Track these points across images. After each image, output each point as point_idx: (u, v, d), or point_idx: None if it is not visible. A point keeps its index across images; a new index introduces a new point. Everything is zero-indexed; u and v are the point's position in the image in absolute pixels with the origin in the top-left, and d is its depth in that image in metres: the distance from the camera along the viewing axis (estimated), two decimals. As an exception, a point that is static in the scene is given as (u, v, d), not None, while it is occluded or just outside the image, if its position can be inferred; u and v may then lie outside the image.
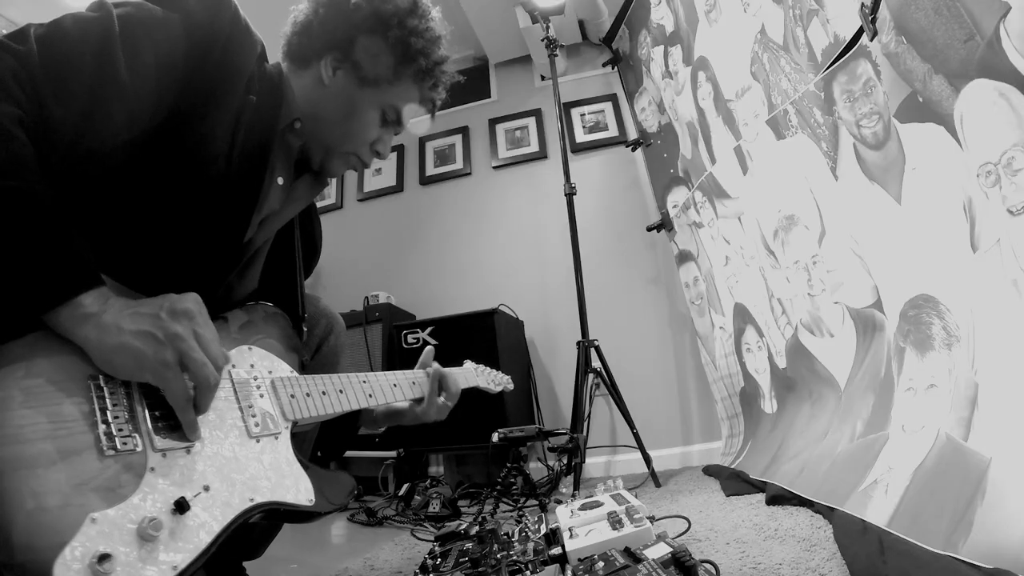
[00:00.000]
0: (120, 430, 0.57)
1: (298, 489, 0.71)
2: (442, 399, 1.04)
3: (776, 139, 1.53)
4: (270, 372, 0.78)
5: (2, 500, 0.48)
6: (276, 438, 0.73)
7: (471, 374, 1.20)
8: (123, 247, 0.67)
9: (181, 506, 0.57)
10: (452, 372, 1.08)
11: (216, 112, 0.72)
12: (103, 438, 0.55)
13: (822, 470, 1.24)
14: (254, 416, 0.72)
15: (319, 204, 3.15)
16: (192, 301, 0.63)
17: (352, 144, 0.88)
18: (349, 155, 0.89)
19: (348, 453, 2.40)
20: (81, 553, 0.49)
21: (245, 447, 0.69)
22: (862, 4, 1.09)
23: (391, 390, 0.94)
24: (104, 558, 0.49)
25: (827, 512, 1.09)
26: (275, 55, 0.88)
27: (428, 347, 1.09)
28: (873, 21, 1.07)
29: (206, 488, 0.61)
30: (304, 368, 0.97)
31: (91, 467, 0.53)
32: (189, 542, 0.57)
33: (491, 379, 1.27)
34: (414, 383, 1.01)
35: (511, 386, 1.34)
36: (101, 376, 0.58)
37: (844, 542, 0.90)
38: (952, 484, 0.85)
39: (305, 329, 0.92)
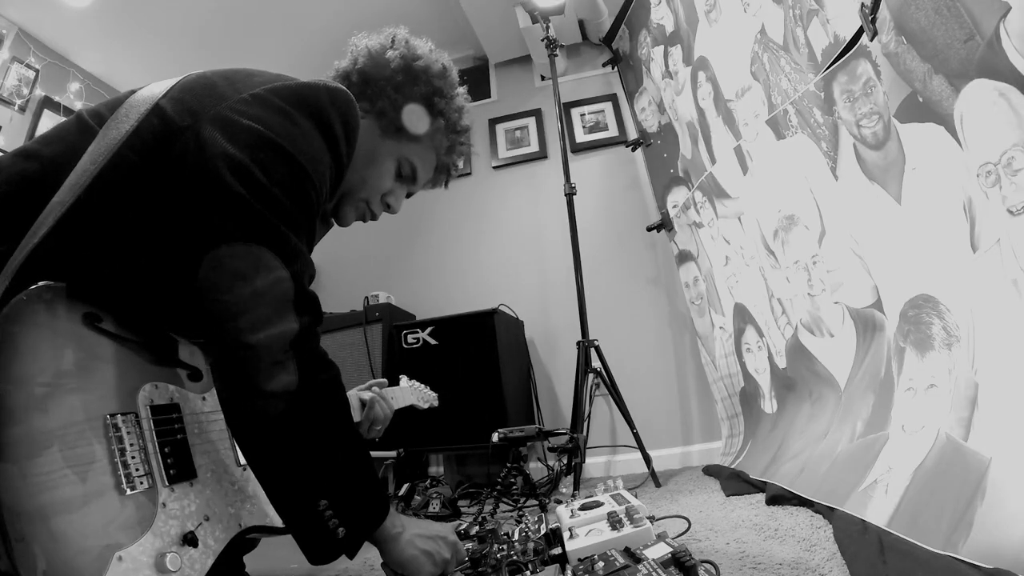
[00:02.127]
0: (137, 470, 0.61)
1: (273, 513, 0.79)
2: (379, 427, 1.13)
3: (776, 139, 1.53)
4: None
5: (47, 546, 0.51)
6: None
7: (407, 393, 1.25)
8: (168, 291, 0.72)
9: (191, 541, 0.63)
10: (386, 396, 1.13)
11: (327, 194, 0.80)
12: (123, 479, 0.59)
13: (822, 470, 1.24)
14: None
15: (319, 204, 3.15)
16: (454, 534, 0.87)
17: (366, 191, 0.93)
18: (360, 202, 0.94)
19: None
20: None
21: (234, 476, 0.76)
22: (862, 4, 1.09)
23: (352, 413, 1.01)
24: None
25: (827, 512, 1.09)
26: None
27: (383, 380, 1.20)
28: (873, 21, 1.07)
29: (207, 518, 0.67)
30: None
31: (114, 507, 0.57)
32: (194, 570, 0.62)
33: (420, 396, 1.32)
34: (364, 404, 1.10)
35: (436, 403, 1.40)
36: (119, 415, 0.61)
37: (844, 542, 0.90)
38: (952, 484, 0.85)
39: None
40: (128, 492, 0.59)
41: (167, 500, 0.63)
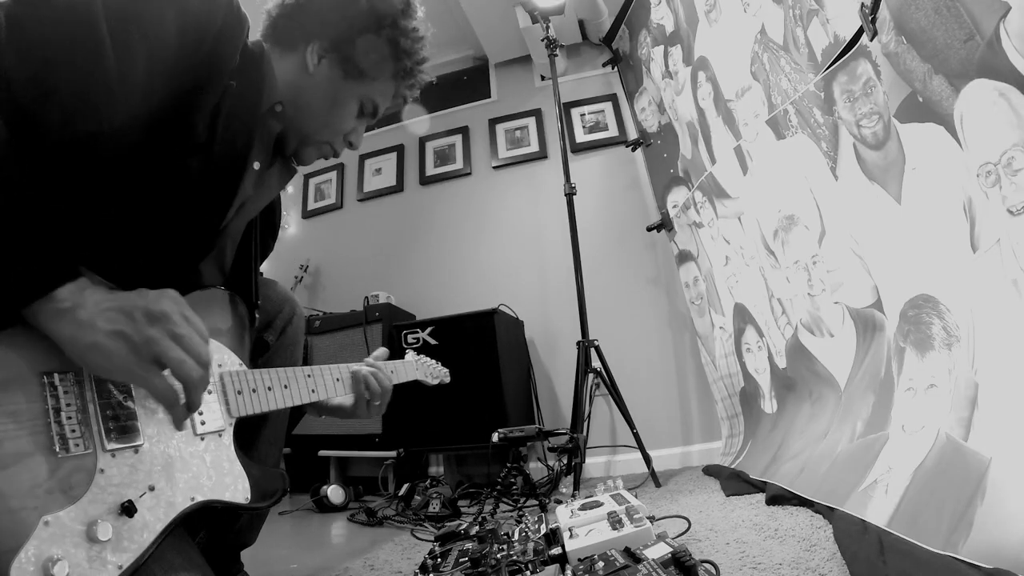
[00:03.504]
0: (73, 431, 0.57)
1: (236, 488, 0.73)
2: (377, 402, 1.01)
3: (776, 139, 1.53)
4: (220, 366, 0.77)
5: None
6: (220, 435, 0.74)
7: (411, 367, 1.18)
8: (92, 232, 0.65)
9: (128, 510, 0.58)
10: (384, 369, 1.04)
11: (197, 106, 0.70)
12: (56, 439, 0.56)
13: (822, 470, 1.24)
14: (201, 413, 0.72)
15: (319, 204, 3.15)
16: (169, 301, 0.61)
17: (329, 133, 0.89)
18: (323, 144, 0.90)
19: (348, 453, 2.41)
20: (35, 556, 0.50)
21: (191, 445, 0.70)
22: (862, 4, 1.09)
23: (334, 385, 0.94)
24: (56, 561, 0.51)
25: (827, 512, 1.09)
26: (253, 30, 0.85)
27: (382, 348, 1.08)
28: (873, 21, 1.07)
29: (151, 488, 0.63)
30: (267, 348, 0.97)
31: (44, 469, 0.54)
32: (133, 542, 0.59)
33: (428, 371, 1.25)
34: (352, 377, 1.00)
35: (448, 379, 1.31)
36: (56, 374, 0.58)
37: (844, 542, 0.90)
38: (952, 484, 0.85)
39: (257, 316, 0.90)
40: (61, 454, 0.55)
41: (106, 466, 0.59)
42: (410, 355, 1.24)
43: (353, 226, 3.06)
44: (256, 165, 0.83)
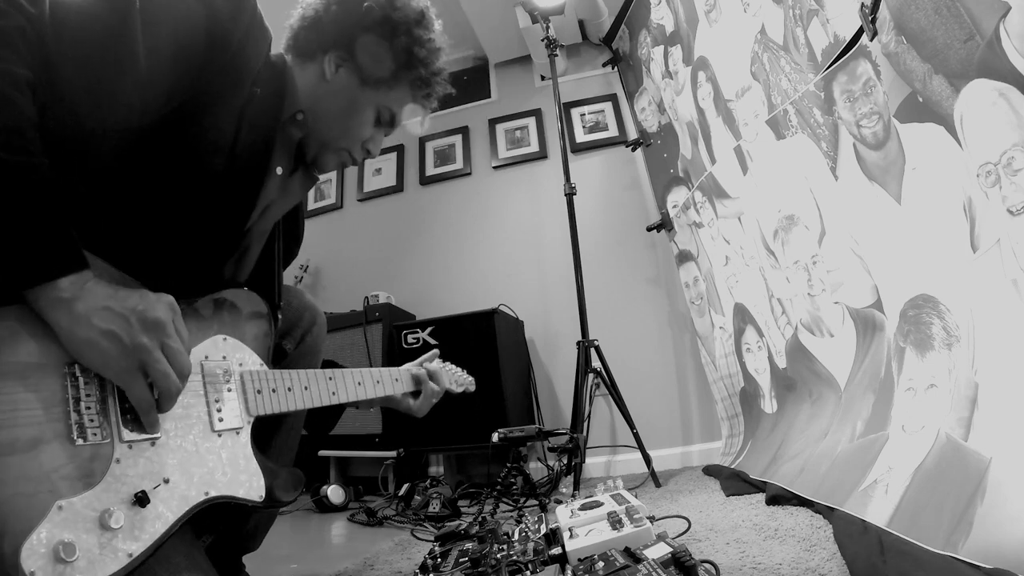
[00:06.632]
0: (91, 420, 0.59)
1: (251, 485, 0.74)
2: (434, 399, 1.11)
3: (776, 139, 1.53)
4: (240, 365, 0.78)
5: None
6: (237, 433, 0.75)
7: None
8: (117, 228, 0.67)
9: (141, 500, 0.59)
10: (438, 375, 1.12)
11: (222, 107, 0.73)
12: (74, 427, 0.57)
13: (822, 470, 1.24)
14: (219, 411, 0.73)
15: (319, 204, 3.15)
16: (165, 309, 0.63)
17: (347, 140, 0.91)
18: (342, 151, 0.92)
19: (348, 453, 2.41)
20: (47, 539, 0.51)
21: (207, 441, 0.71)
22: (862, 4, 1.09)
23: (355, 388, 0.96)
24: (67, 545, 0.52)
25: (827, 512, 1.09)
26: (277, 44, 0.89)
27: (434, 351, 1.16)
28: (873, 21, 1.07)
29: (166, 481, 0.64)
30: (285, 356, 0.98)
31: (61, 455, 0.55)
32: (145, 531, 0.60)
33: (453, 379, 1.26)
34: (378, 382, 1.02)
35: (472, 388, 1.33)
36: (78, 365, 0.59)
37: (844, 542, 0.90)
38: (952, 484, 0.85)
39: (280, 317, 0.91)
40: (79, 443, 0.57)
41: (122, 456, 0.60)
42: (436, 362, 1.24)
43: (353, 226, 3.06)
44: (279, 170, 0.86)
